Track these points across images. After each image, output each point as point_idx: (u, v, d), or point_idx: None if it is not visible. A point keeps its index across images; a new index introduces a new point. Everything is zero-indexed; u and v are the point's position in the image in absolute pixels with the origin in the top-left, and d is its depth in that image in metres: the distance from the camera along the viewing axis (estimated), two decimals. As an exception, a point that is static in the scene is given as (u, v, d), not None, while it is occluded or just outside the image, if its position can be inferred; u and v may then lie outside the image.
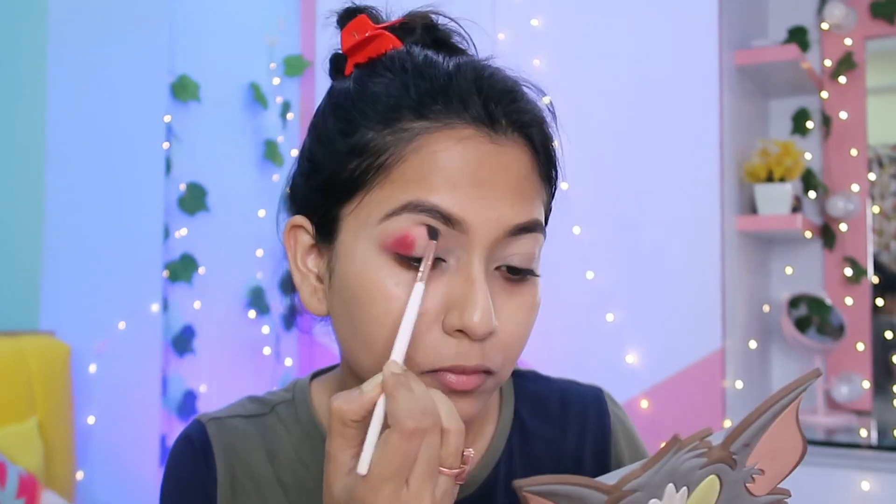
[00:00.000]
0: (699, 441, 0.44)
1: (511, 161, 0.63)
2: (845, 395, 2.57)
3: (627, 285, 2.38)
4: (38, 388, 1.98)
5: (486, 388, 0.63)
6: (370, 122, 0.63)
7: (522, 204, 0.63)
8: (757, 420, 0.47)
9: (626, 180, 2.40)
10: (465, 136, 0.61)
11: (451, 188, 0.60)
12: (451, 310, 0.60)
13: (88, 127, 2.27)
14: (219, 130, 2.71)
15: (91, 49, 2.29)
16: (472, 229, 0.60)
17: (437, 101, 0.62)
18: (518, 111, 0.64)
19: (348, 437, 0.55)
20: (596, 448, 0.79)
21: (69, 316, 2.19)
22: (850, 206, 2.68)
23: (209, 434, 0.73)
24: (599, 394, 0.83)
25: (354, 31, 0.69)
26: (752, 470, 0.50)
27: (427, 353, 0.60)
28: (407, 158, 0.61)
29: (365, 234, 0.62)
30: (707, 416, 2.27)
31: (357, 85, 0.66)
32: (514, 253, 0.63)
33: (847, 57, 2.73)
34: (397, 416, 0.53)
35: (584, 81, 2.45)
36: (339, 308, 0.65)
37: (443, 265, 0.61)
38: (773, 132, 2.86)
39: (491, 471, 0.74)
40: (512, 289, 0.64)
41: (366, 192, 0.62)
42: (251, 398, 0.78)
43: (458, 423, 0.55)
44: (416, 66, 0.64)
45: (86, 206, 2.25)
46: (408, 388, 0.54)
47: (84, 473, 2.21)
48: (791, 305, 2.60)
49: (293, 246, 0.69)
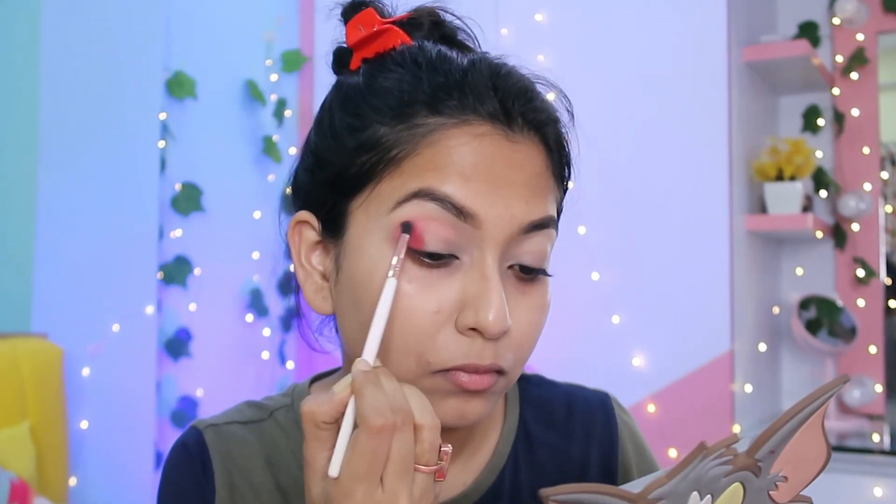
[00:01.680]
0: (725, 448, 0.44)
1: (526, 159, 0.63)
2: (857, 399, 2.57)
3: (634, 286, 2.38)
4: (30, 392, 1.98)
5: (498, 388, 0.63)
6: (382, 117, 0.63)
7: (537, 201, 0.63)
8: (783, 426, 0.47)
9: (632, 179, 2.40)
10: (481, 132, 0.61)
11: (465, 181, 0.60)
12: (464, 308, 0.60)
13: (82, 124, 2.27)
14: (215, 128, 2.71)
15: (84, 44, 2.28)
16: (485, 225, 0.60)
17: (453, 97, 0.62)
18: (534, 110, 0.64)
19: (322, 439, 0.55)
20: (602, 455, 0.79)
21: (62, 318, 2.19)
22: (861, 205, 2.68)
23: (206, 441, 0.73)
24: (606, 399, 0.83)
25: (360, 24, 0.69)
26: (775, 477, 0.50)
27: (439, 352, 0.60)
28: (421, 152, 0.61)
29: (375, 227, 0.62)
30: (715, 420, 2.27)
31: (367, 80, 0.66)
32: (527, 251, 0.63)
33: (859, 52, 2.73)
34: (364, 414, 0.53)
35: (590, 78, 2.44)
36: (347, 305, 0.65)
37: (456, 262, 0.61)
38: (784, 130, 2.86)
39: (496, 477, 0.74)
40: (524, 288, 0.64)
41: (376, 184, 0.62)
42: (249, 403, 0.77)
43: (433, 418, 0.55)
44: (430, 61, 0.65)
45: (79, 206, 2.25)
46: (376, 384, 0.54)
47: (77, 479, 2.20)
48: (801, 307, 2.60)
49: (297, 242, 0.69)
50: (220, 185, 2.69)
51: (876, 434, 2.37)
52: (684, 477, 0.43)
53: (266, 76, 2.88)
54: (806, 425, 0.49)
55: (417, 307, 0.60)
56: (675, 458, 2.28)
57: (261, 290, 2.81)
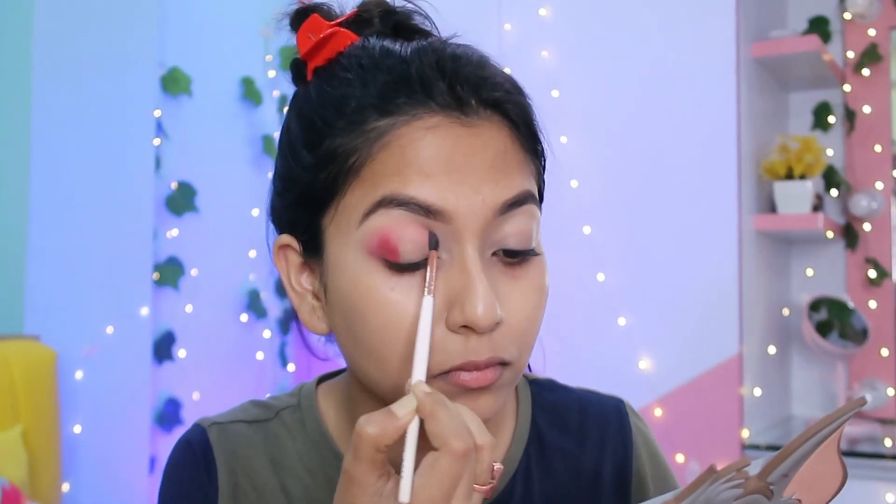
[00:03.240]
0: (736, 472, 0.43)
1: (487, 141, 0.61)
2: (869, 403, 2.56)
3: (640, 288, 2.37)
4: (22, 396, 1.98)
5: (505, 381, 0.62)
6: (335, 129, 0.62)
7: (507, 181, 0.61)
8: (797, 450, 0.46)
9: (638, 178, 2.39)
10: (432, 124, 0.60)
11: (426, 178, 0.59)
12: (452, 306, 0.59)
13: (74, 121, 2.26)
14: (211, 126, 2.70)
15: (77, 40, 2.27)
16: (456, 218, 0.59)
17: (400, 94, 0.60)
18: (489, 88, 0.62)
19: (379, 462, 0.54)
20: (616, 462, 0.78)
21: (55, 320, 2.19)
22: (873, 204, 2.67)
23: (211, 439, 0.72)
24: (621, 405, 0.82)
25: (309, 32, 0.68)
26: (788, 501, 0.49)
27: (435, 354, 0.59)
28: (375, 157, 0.60)
29: (349, 241, 0.61)
30: (723, 424, 2.26)
31: (317, 91, 0.65)
32: (508, 234, 0.62)
33: (871, 48, 2.72)
34: (445, 438, 0.52)
35: (595, 74, 2.43)
36: (339, 322, 0.64)
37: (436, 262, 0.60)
38: (793, 127, 2.85)
39: (507, 483, 0.73)
40: (514, 272, 0.62)
41: (340, 197, 0.61)
42: (254, 402, 0.77)
43: (489, 437, 0.55)
44: (373, 59, 0.63)
45: (72, 205, 2.25)
46: (446, 407, 0.54)
47: (70, 485, 2.20)
48: (812, 309, 2.59)
49: (285, 266, 0.68)
50: (217, 183, 2.69)
51: (888, 439, 2.36)
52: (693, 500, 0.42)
53: (264, 73, 2.87)
54: (821, 448, 0.48)
55: (406, 313, 0.59)
56: (683, 463, 2.28)
57: (258, 291, 2.80)
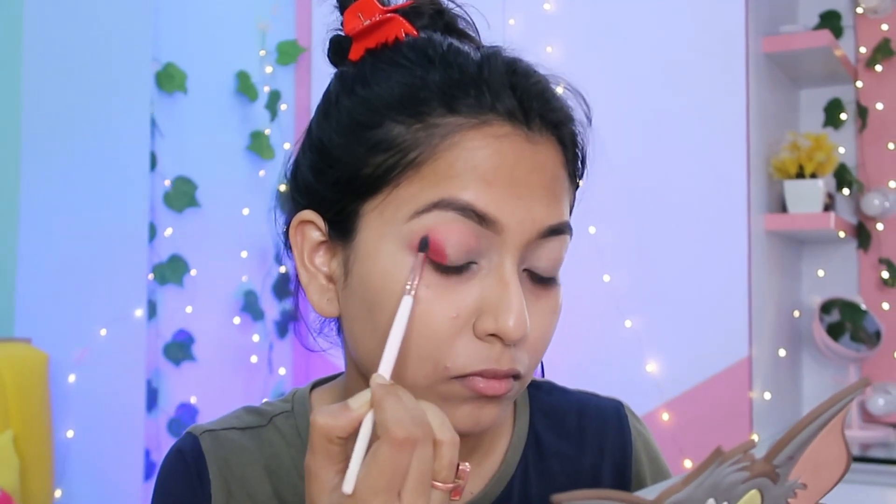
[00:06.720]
0: (742, 454, 0.45)
1: (546, 160, 0.64)
2: (882, 408, 2.57)
3: (647, 289, 2.38)
4: (13, 400, 1.98)
5: (513, 393, 0.65)
6: (396, 114, 0.63)
7: (556, 205, 0.65)
8: (802, 432, 0.48)
9: (645, 176, 2.40)
10: (502, 133, 0.62)
11: (486, 186, 0.61)
12: (483, 314, 0.62)
13: (66, 119, 2.27)
14: (207, 123, 2.72)
15: (69, 34, 2.29)
16: (506, 230, 0.62)
17: (469, 94, 0.63)
18: (552, 109, 0.66)
19: (332, 454, 0.55)
20: (615, 466, 0.80)
21: (47, 322, 2.19)
22: (886, 203, 2.68)
23: (203, 448, 0.73)
24: (620, 408, 0.83)
25: (360, 12, 0.69)
26: (794, 484, 0.51)
27: (458, 358, 0.62)
28: (440, 156, 0.62)
29: (391, 233, 0.63)
30: (733, 429, 2.27)
31: (375, 72, 0.66)
32: (544, 257, 0.65)
33: (884, 44, 2.73)
34: (387, 426, 0.53)
35: (600, 71, 2.45)
36: (358, 310, 0.65)
37: (473, 268, 0.62)
38: (804, 124, 2.86)
39: (504, 487, 0.75)
40: (538, 292, 0.65)
41: (393, 188, 0.63)
42: (247, 409, 0.78)
43: (452, 434, 0.56)
44: (442, 54, 0.65)
45: (64, 204, 2.25)
46: (397, 397, 0.55)
47: (62, 491, 2.21)
48: (823, 310, 2.60)
49: (300, 243, 0.69)
50: (213, 181, 2.70)
51: (901, 444, 2.38)
52: (700, 483, 0.44)
53: (260, 68, 2.89)
54: (825, 430, 0.50)
55: (436, 313, 0.61)
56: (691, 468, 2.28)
57: (255, 291, 2.81)
